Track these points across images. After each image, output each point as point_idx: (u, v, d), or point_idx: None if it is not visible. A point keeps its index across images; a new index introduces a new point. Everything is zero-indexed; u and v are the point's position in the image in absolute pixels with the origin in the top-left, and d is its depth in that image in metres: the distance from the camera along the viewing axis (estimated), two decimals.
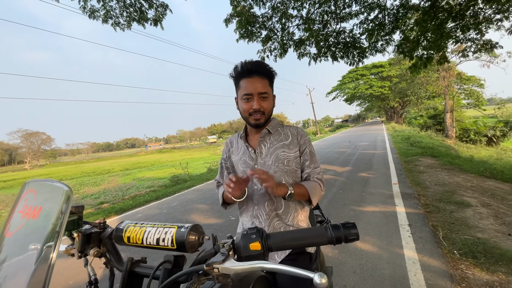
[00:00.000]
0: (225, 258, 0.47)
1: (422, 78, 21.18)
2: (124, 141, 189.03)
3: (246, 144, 1.11)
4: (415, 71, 6.95)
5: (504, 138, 17.41)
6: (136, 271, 0.59)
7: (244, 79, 1.01)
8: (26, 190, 0.53)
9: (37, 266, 0.42)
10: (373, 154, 9.64)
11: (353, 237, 0.44)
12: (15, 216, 0.50)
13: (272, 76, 1.05)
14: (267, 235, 0.48)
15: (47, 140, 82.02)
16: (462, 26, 5.87)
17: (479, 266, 2.16)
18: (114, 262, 0.64)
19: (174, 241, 0.57)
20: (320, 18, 7.29)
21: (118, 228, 0.66)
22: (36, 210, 0.48)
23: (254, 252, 0.46)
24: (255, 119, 1.02)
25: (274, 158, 1.06)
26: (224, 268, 0.46)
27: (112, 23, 6.29)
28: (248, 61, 1.02)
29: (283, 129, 1.14)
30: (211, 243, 0.54)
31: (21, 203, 0.51)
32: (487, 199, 3.83)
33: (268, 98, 1.03)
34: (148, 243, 0.60)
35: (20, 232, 0.48)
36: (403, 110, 41.16)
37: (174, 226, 0.60)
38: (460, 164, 6.42)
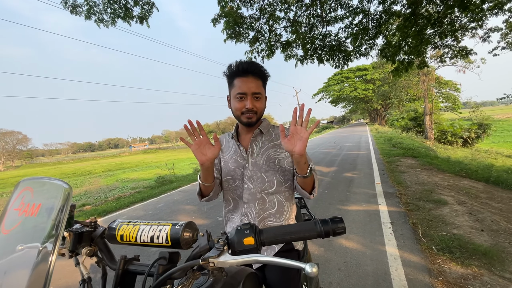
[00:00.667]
0: (220, 252, 0.48)
1: (403, 81, 22.01)
2: (107, 141, 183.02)
3: (238, 143, 1.12)
4: (397, 75, 7.23)
5: (478, 140, 18.39)
6: (130, 269, 0.59)
7: (238, 78, 1.02)
8: (22, 188, 0.52)
9: (37, 264, 0.42)
10: (357, 155, 9.90)
11: (340, 231, 0.47)
12: (10, 214, 0.49)
13: (265, 77, 1.07)
14: (260, 230, 0.50)
15: (23, 139, 77.87)
16: (440, 32, 6.18)
17: (454, 260, 2.29)
18: (107, 261, 0.64)
19: (168, 238, 0.58)
20: (307, 21, 7.42)
21: (110, 227, 0.66)
22: (35, 207, 0.48)
23: (248, 247, 0.48)
24: (247, 118, 1.03)
25: (266, 158, 1.07)
26: (219, 262, 0.48)
27: (96, 20, 6.10)
28: (243, 60, 1.03)
29: (274, 129, 1.15)
30: (205, 239, 0.56)
31: (17, 201, 0.50)
32: (462, 197, 4.05)
33: (261, 98, 1.04)
34: (142, 241, 0.60)
35: (18, 229, 0.47)
36: (386, 112, 42.55)
37: (169, 224, 0.61)
38: (438, 164, 6.73)
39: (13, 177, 27.88)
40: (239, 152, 1.11)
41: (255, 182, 1.06)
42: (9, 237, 0.47)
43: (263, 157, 1.08)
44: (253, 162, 1.08)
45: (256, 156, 1.09)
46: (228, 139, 1.19)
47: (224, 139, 1.21)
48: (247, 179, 1.07)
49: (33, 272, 0.41)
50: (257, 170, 1.07)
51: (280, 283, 0.96)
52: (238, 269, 0.79)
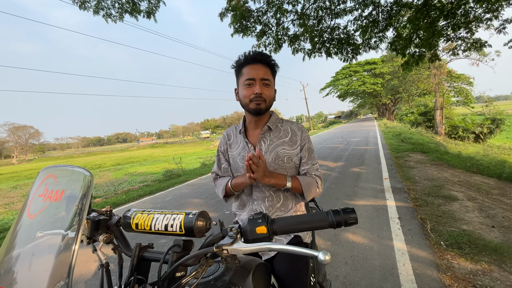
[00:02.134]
0: (233, 240, 0.50)
1: (413, 75, 21.53)
2: (115, 135, 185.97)
3: (246, 140, 1.10)
4: (407, 69, 7.07)
5: (491, 135, 17.94)
6: (144, 256, 0.61)
7: (247, 66, 1.00)
8: (45, 175, 0.54)
9: (61, 249, 0.44)
10: (365, 150, 9.80)
11: (352, 221, 0.48)
12: (35, 200, 0.51)
13: (274, 67, 1.05)
14: (272, 219, 0.51)
15: (35, 134, 79.96)
16: (453, 24, 5.98)
17: (464, 256, 2.26)
18: (122, 248, 0.67)
19: (182, 227, 0.60)
20: (315, 14, 7.30)
21: (125, 216, 0.68)
22: (59, 193, 0.49)
23: (260, 236, 0.49)
24: (256, 104, 0.99)
25: (274, 156, 1.05)
26: (233, 249, 0.49)
27: (104, 15, 6.15)
28: (251, 50, 1.02)
29: (282, 125, 1.12)
30: (218, 228, 0.57)
31: (41, 187, 0.52)
32: (473, 193, 3.98)
33: (270, 85, 1.02)
34: (156, 229, 0.62)
35: (43, 214, 0.49)
36: (395, 107, 41.79)
37: (182, 213, 0.62)
38: (448, 160, 6.61)
39: (26, 170, 28.71)
40: (248, 148, 1.09)
41: None
42: (34, 222, 0.49)
43: (271, 155, 1.06)
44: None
45: (265, 153, 1.06)
46: (236, 133, 1.16)
47: (232, 133, 1.18)
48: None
49: (58, 257, 0.43)
50: None
51: (288, 274, 0.97)
52: (248, 259, 0.81)
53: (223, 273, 0.70)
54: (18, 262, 0.46)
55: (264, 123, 1.09)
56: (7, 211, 7.14)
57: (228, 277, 0.69)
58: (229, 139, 1.17)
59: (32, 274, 0.44)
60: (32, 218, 0.50)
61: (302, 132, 1.10)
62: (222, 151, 1.19)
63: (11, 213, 6.81)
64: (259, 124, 1.09)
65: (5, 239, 0.50)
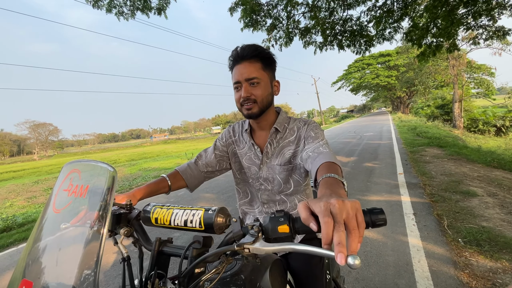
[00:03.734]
0: (255, 239, 0.48)
1: (430, 67, 20.69)
2: (129, 132, 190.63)
3: (252, 141, 1.04)
4: (423, 60, 6.80)
5: None
6: (164, 251, 0.62)
7: (235, 67, 0.93)
8: (69, 170, 0.56)
9: (88, 241, 0.45)
10: (378, 145, 9.58)
11: (381, 223, 0.43)
12: (60, 194, 0.53)
13: (266, 59, 0.93)
14: (294, 218, 0.49)
15: (54, 131, 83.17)
16: (474, 12, 5.67)
17: (483, 253, 2.19)
18: (142, 241, 0.68)
19: (202, 223, 0.60)
20: (327, 6, 7.11)
21: (145, 210, 0.69)
22: (83, 188, 0.51)
23: (282, 235, 0.47)
24: (246, 109, 0.92)
25: (281, 158, 1.00)
26: (255, 249, 0.48)
27: (116, 13, 6.26)
28: (238, 46, 0.93)
29: (289, 124, 1.04)
30: (238, 225, 0.55)
31: (66, 182, 0.54)
32: (493, 189, 3.81)
33: (260, 83, 0.91)
34: (176, 224, 0.63)
35: (69, 209, 0.51)
36: (410, 100, 40.47)
37: (202, 209, 0.62)
38: (467, 154, 6.35)
39: (46, 166, 29.99)
40: (254, 150, 1.04)
41: (271, 184, 1.02)
42: (60, 216, 0.51)
43: (278, 157, 1.00)
44: (268, 162, 1.02)
45: (271, 156, 1.01)
46: (242, 131, 1.10)
47: (237, 130, 1.12)
48: (263, 181, 1.03)
49: (84, 251, 0.44)
50: (273, 172, 1.01)
51: (304, 271, 0.96)
52: (265, 256, 0.80)
53: (241, 269, 0.70)
54: (45, 256, 0.48)
55: (270, 123, 1.02)
56: (30, 204, 7.49)
57: (246, 273, 0.69)
58: (234, 135, 1.12)
59: (59, 268, 0.46)
60: (57, 212, 0.52)
61: (309, 125, 1.01)
62: (223, 143, 1.12)
63: (33, 206, 7.14)
64: (263, 125, 1.03)
65: (31, 233, 0.52)
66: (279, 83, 1.01)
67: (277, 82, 1.01)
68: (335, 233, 0.37)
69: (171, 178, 0.98)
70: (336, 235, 0.37)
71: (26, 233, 4.05)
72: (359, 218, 0.40)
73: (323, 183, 0.60)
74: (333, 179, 0.60)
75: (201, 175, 1.07)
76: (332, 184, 0.58)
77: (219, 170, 1.11)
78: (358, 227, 0.39)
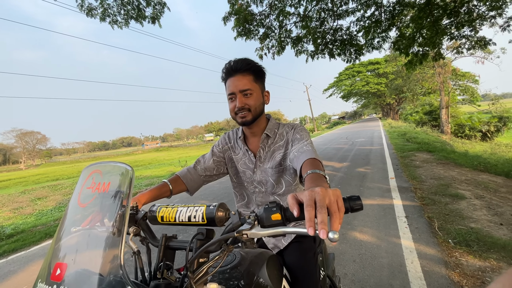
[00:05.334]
0: (251, 226, 0.55)
1: (417, 74, 21.38)
2: (120, 139, 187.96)
3: (246, 147, 1.12)
4: (410, 68, 7.06)
5: (498, 133, 17.67)
6: (170, 245, 0.67)
7: (228, 79, 1.00)
8: (91, 171, 0.62)
9: (114, 228, 0.51)
10: (370, 150, 9.77)
11: (358, 207, 0.51)
12: (84, 191, 0.59)
13: (257, 71, 1.01)
14: (285, 208, 0.55)
15: (42, 139, 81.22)
16: (457, 23, 5.99)
17: (472, 253, 2.27)
18: (149, 239, 0.74)
19: (204, 217, 0.66)
20: (317, 16, 7.35)
21: (151, 210, 0.75)
22: (106, 185, 0.57)
23: (275, 222, 0.54)
24: (240, 117, 1.00)
25: (272, 162, 1.07)
26: (252, 233, 0.54)
27: (110, 21, 6.29)
28: (231, 60, 1.01)
29: (278, 129, 1.12)
30: (237, 216, 0.63)
31: (89, 180, 0.60)
32: (480, 191, 3.95)
33: (253, 94, 0.99)
34: (180, 221, 0.69)
35: (94, 203, 0.57)
36: (399, 106, 41.49)
37: (203, 205, 0.69)
38: (455, 159, 6.56)
39: (33, 175, 29.17)
40: (248, 155, 1.12)
41: (265, 186, 1.09)
42: (87, 210, 0.57)
43: (270, 161, 1.07)
44: (261, 166, 1.09)
45: (264, 160, 1.09)
46: (236, 138, 1.18)
47: (232, 137, 1.20)
48: (257, 184, 1.10)
49: (109, 240, 0.51)
50: (266, 175, 1.08)
51: (298, 266, 1.02)
52: (262, 251, 0.86)
53: (240, 263, 0.76)
54: (75, 242, 0.54)
55: (261, 130, 1.10)
56: (16, 215, 7.25)
57: (244, 266, 0.75)
58: (230, 141, 1.19)
59: (88, 252, 0.52)
60: (83, 206, 0.58)
61: (294, 129, 1.08)
62: (219, 149, 1.19)
63: (20, 217, 6.90)
64: (255, 132, 1.10)
65: (59, 227, 0.58)
66: (269, 93, 1.11)
67: (267, 92, 1.09)
68: (318, 214, 0.44)
69: (172, 182, 1.04)
70: (319, 216, 0.44)
71: (16, 244, 3.94)
72: (339, 203, 0.47)
73: (308, 179, 0.68)
74: (317, 175, 0.69)
75: (200, 179, 1.13)
76: (316, 179, 0.66)
77: (217, 175, 1.19)
78: (338, 211, 0.46)
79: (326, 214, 0.44)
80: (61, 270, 0.48)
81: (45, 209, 8.02)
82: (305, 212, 0.46)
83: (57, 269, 0.48)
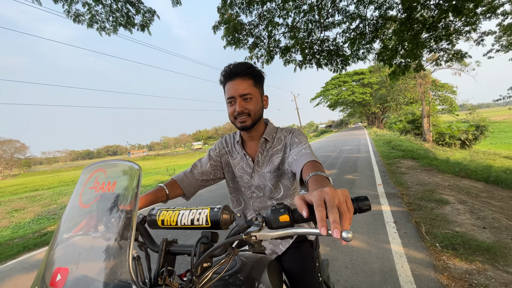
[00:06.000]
0: (259, 228, 0.54)
1: (400, 85, 22.29)
2: (105, 148, 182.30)
3: (244, 152, 1.11)
4: (394, 78, 7.35)
5: (476, 141, 18.55)
6: (170, 250, 0.65)
7: (228, 83, 0.99)
8: (93, 170, 0.58)
9: (121, 231, 0.48)
10: (357, 157, 9.97)
11: (366, 208, 0.51)
12: (86, 191, 0.55)
13: (257, 76, 1.01)
14: (293, 209, 0.55)
15: (21, 148, 77.46)
16: (435, 36, 6.32)
17: (458, 256, 2.33)
18: (148, 244, 0.70)
19: (208, 220, 0.64)
20: (305, 27, 7.57)
21: (150, 214, 0.72)
22: (111, 184, 0.54)
23: (283, 223, 0.53)
24: (240, 122, 0.99)
25: (270, 166, 1.06)
26: (261, 235, 0.53)
27: (98, 28, 6.20)
28: (231, 64, 0.99)
29: (276, 134, 1.11)
30: (243, 219, 0.61)
31: (91, 180, 0.56)
32: (463, 196, 4.10)
33: (252, 99, 0.98)
34: (182, 224, 0.66)
35: (98, 203, 0.54)
36: (384, 115, 42.88)
37: (207, 208, 0.67)
38: (438, 166, 6.81)
39: (11, 186, 27.63)
40: (245, 160, 1.10)
41: (263, 191, 1.08)
42: (89, 210, 0.54)
43: (268, 165, 1.07)
44: (259, 171, 1.08)
45: (262, 164, 1.08)
46: (234, 142, 1.17)
47: (229, 142, 1.18)
48: (255, 188, 1.09)
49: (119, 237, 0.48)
50: (264, 180, 1.07)
51: (298, 270, 1.01)
52: (262, 256, 0.85)
53: (241, 268, 0.74)
54: (77, 245, 0.50)
55: (260, 134, 1.09)
56: None
57: (246, 271, 0.73)
58: (227, 146, 1.18)
59: (93, 255, 0.49)
60: (86, 207, 0.54)
61: (292, 133, 1.08)
62: (216, 153, 1.17)
63: None
64: (254, 136, 1.10)
65: (56, 229, 0.55)
66: (267, 97, 1.11)
67: (266, 97, 1.09)
68: (329, 214, 0.44)
69: (169, 187, 1.00)
70: (331, 216, 0.44)
71: None
72: (348, 203, 0.48)
73: (312, 181, 0.68)
74: (320, 176, 0.69)
75: (197, 183, 1.10)
76: (320, 181, 0.67)
77: (213, 179, 1.16)
78: (348, 211, 0.46)
79: (337, 213, 0.44)
80: (62, 276, 0.45)
81: (22, 222, 7.60)
82: (316, 212, 0.45)
83: (58, 274, 0.45)
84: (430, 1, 5.97)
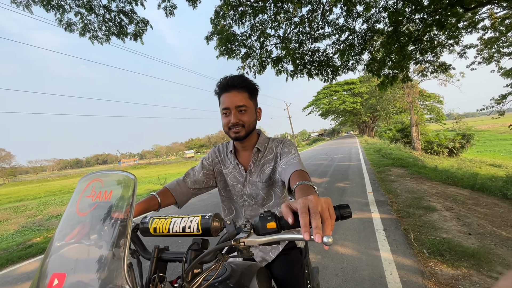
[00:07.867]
0: (248, 234, 0.57)
1: (389, 94, 22.87)
2: (95, 157, 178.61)
3: (237, 161, 1.13)
4: (383, 88, 7.58)
5: (463, 150, 19.10)
6: (162, 257, 0.66)
7: (223, 94, 1.02)
8: (90, 180, 0.61)
9: (116, 238, 0.50)
10: (348, 166, 10.10)
11: (347, 215, 0.55)
12: (83, 200, 0.58)
13: (252, 89, 1.04)
14: (280, 216, 0.58)
15: (6, 157, 75.21)
16: (421, 49, 6.59)
17: (445, 262, 2.39)
18: (140, 252, 0.72)
19: (199, 227, 0.66)
20: (296, 38, 7.77)
21: (143, 222, 0.73)
22: (107, 193, 0.56)
23: (270, 230, 0.56)
24: (234, 133, 1.02)
25: (262, 175, 1.09)
26: (249, 241, 0.56)
27: (90, 37, 6.22)
28: (228, 76, 1.03)
29: (268, 144, 1.15)
30: (232, 226, 0.64)
31: (88, 190, 0.58)
32: (450, 203, 4.21)
33: (247, 111, 1.01)
34: (174, 231, 0.68)
35: (95, 211, 0.55)
36: (374, 124, 43.72)
37: (198, 216, 0.69)
38: (426, 173, 6.97)
39: None
40: (238, 169, 1.13)
41: (255, 199, 1.11)
42: (86, 218, 0.55)
43: (259, 175, 1.10)
44: (251, 180, 1.11)
45: (254, 174, 1.11)
46: (227, 152, 1.19)
47: (222, 151, 1.21)
48: (247, 197, 1.12)
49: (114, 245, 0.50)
50: (256, 188, 1.10)
51: (287, 278, 1.03)
52: (251, 263, 0.87)
53: (231, 275, 0.76)
54: (73, 251, 0.52)
55: (252, 144, 1.12)
56: None
57: (235, 278, 0.75)
58: (220, 155, 1.20)
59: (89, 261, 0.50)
60: (83, 215, 0.56)
61: (283, 143, 1.12)
62: (209, 162, 1.19)
63: None
64: (247, 146, 1.13)
65: (54, 236, 0.56)
66: (261, 110, 1.15)
67: (259, 109, 1.13)
68: (312, 220, 0.48)
69: (161, 195, 1.02)
70: (314, 222, 0.48)
71: None
72: (330, 210, 0.52)
73: (298, 190, 0.72)
74: (306, 185, 0.73)
75: (189, 192, 1.12)
76: (306, 189, 0.71)
77: (206, 188, 1.18)
78: (330, 217, 0.50)
79: (320, 220, 0.48)
80: (59, 281, 0.46)
81: (5, 233, 7.31)
82: (300, 218, 0.49)
83: (55, 279, 0.46)
84: (415, 15, 6.26)
